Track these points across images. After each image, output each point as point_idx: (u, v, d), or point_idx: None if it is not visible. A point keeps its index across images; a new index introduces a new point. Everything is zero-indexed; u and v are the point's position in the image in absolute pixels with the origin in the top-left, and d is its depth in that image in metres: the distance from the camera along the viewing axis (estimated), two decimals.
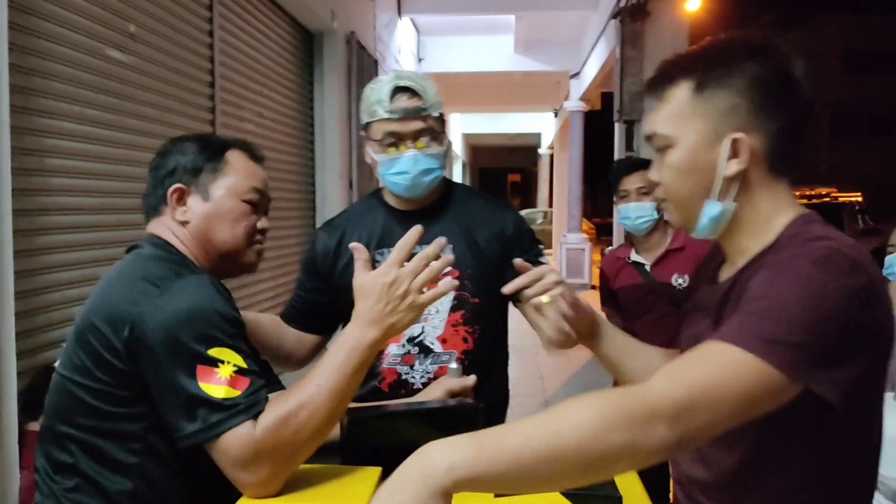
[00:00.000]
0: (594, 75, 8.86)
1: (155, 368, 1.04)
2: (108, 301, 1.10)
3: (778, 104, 0.94)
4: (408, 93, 1.54)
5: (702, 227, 0.99)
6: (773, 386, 0.78)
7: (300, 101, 4.79)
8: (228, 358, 1.04)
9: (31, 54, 2.07)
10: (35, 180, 2.10)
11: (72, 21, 2.27)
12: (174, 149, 1.27)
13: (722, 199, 0.96)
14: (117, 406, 1.08)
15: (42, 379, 2.02)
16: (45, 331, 2.15)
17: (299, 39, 4.77)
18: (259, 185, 1.28)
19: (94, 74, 2.39)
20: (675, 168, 0.98)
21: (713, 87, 0.95)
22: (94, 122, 2.39)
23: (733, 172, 0.94)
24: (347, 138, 5.25)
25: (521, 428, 0.76)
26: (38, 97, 2.11)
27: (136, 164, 2.65)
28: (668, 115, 0.98)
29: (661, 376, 0.79)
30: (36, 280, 2.10)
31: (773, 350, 0.78)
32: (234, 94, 3.64)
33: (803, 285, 0.82)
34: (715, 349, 0.81)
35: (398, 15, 7.74)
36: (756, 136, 0.94)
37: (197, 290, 1.08)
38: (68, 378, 1.10)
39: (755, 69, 0.94)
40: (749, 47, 0.97)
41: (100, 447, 1.09)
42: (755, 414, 0.80)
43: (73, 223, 2.30)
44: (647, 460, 0.76)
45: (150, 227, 1.26)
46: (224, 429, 1.01)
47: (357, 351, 1.08)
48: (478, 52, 9.70)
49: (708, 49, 1.00)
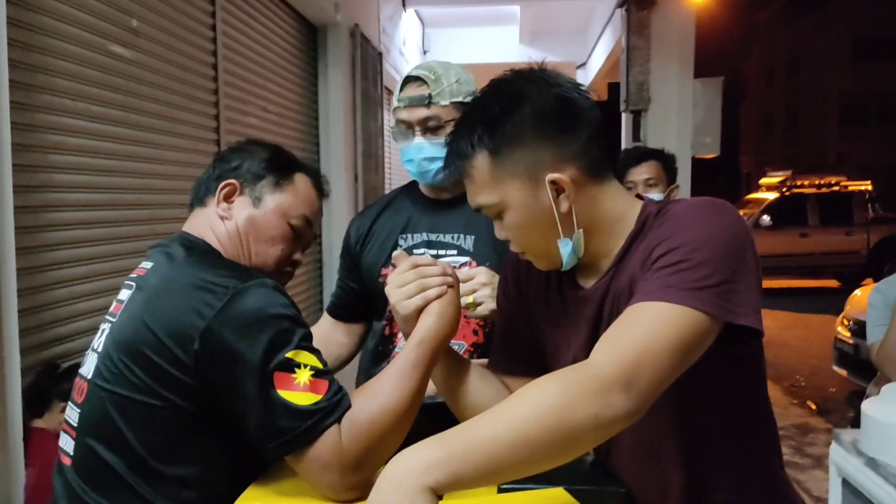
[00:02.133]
0: (600, 65, 8.80)
1: (230, 381, 1.01)
2: (169, 313, 1.05)
3: (570, 126, 0.99)
4: (417, 81, 1.59)
5: (566, 262, 1.04)
6: (704, 329, 0.84)
7: (304, 94, 4.77)
8: (305, 360, 1.02)
9: (32, 50, 2.06)
10: (38, 177, 2.10)
11: (73, 16, 2.26)
12: (247, 148, 1.26)
13: (569, 235, 1.01)
14: (181, 422, 1.05)
15: (47, 376, 2.03)
16: (51, 327, 2.14)
17: (303, 33, 4.75)
18: (310, 216, 1.26)
19: (97, 70, 2.38)
20: (516, 227, 1.02)
21: (508, 147, 0.98)
22: (98, 119, 2.38)
23: (566, 208, 0.99)
24: (352, 132, 5.23)
25: (487, 421, 0.79)
26: (40, 93, 2.10)
27: (141, 159, 2.65)
28: (483, 188, 1.01)
29: (602, 348, 0.83)
30: (40, 277, 2.10)
31: (698, 297, 0.83)
32: (238, 89, 3.63)
33: (704, 232, 0.88)
34: (644, 310, 0.85)
35: (403, 7, 7.70)
36: (568, 166, 0.99)
37: (263, 295, 1.04)
38: (117, 394, 1.06)
39: (531, 110, 0.98)
40: (518, 92, 1.00)
41: (152, 465, 1.05)
42: (693, 359, 0.85)
43: (78, 219, 2.29)
44: (613, 429, 0.80)
45: (190, 220, 1.24)
46: (314, 435, 0.99)
47: (422, 346, 1.08)
48: (483, 43, 9.65)
49: (483, 107, 1.02)
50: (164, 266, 1.14)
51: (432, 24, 9.47)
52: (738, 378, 1.00)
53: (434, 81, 1.57)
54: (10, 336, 1.79)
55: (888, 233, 11.17)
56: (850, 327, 5.05)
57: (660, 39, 6.06)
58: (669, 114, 6.09)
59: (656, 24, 6.09)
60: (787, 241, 11.27)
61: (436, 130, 1.57)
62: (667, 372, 0.82)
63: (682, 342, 0.83)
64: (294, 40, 4.58)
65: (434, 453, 0.76)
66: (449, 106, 1.57)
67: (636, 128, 6.25)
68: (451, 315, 1.09)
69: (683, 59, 6.09)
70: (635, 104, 6.11)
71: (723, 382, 0.98)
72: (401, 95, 1.60)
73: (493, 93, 1.03)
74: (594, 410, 0.77)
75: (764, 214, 11.54)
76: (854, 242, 11.31)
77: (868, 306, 2.50)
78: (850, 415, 4.80)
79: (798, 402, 5.54)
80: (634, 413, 0.80)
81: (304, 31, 4.78)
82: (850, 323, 5.06)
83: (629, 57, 6.10)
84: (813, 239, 11.35)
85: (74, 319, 2.24)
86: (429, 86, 1.57)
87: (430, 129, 1.57)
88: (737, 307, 0.86)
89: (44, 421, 2.01)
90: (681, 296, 0.84)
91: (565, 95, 1.01)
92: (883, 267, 9.98)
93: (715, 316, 0.84)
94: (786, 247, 11.26)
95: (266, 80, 4.03)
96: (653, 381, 0.81)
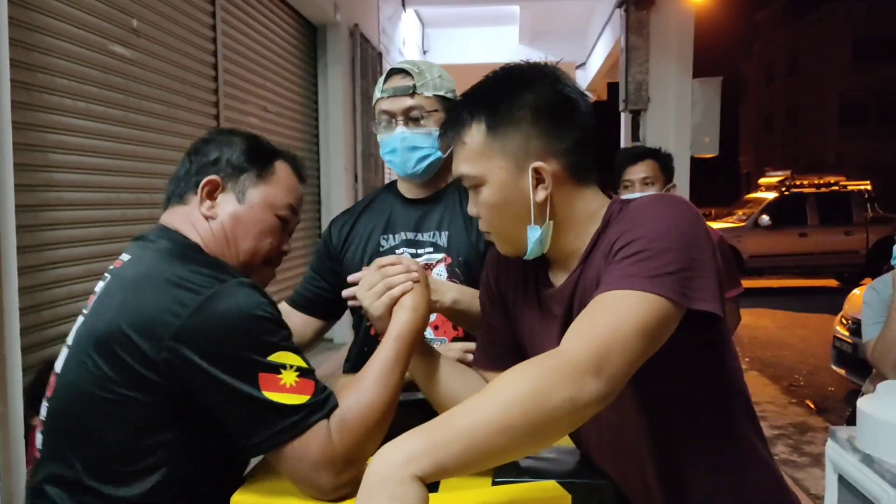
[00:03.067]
0: (600, 65, 8.81)
1: (208, 384, 0.98)
2: (141, 309, 1.01)
3: (563, 123, 1.04)
4: (401, 73, 1.62)
5: (531, 250, 1.07)
6: (667, 314, 0.87)
7: (304, 94, 4.78)
8: (289, 361, 1.01)
9: (33, 50, 2.07)
10: (39, 176, 2.11)
11: (73, 16, 2.27)
12: (221, 139, 1.22)
13: (539, 223, 1.05)
14: (144, 421, 1.02)
15: (47, 374, 2.03)
16: (51, 326, 2.15)
17: (303, 33, 4.76)
18: (295, 204, 1.24)
19: (98, 70, 2.39)
20: (490, 205, 1.06)
21: (504, 125, 1.03)
22: (98, 118, 2.39)
23: (543, 198, 1.03)
24: (352, 132, 5.24)
25: (467, 409, 0.81)
26: (41, 93, 2.11)
27: (141, 159, 2.66)
28: (471, 157, 1.06)
29: (572, 335, 0.87)
30: (41, 275, 2.11)
31: (659, 283, 0.87)
32: (238, 88, 3.64)
33: (662, 223, 0.93)
34: (609, 298, 0.89)
35: (402, 7, 7.71)
36: (553, 160, 1.04)
37: (242, 296, 1.01)
38: (82, 389, 1.04)
39: (533, 98, 1.04)
40: (524, 78, 1.06)
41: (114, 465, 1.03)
42: (659, 344, 0.88)
43: (78, 218, 2.30)
44: (587, 412, 0.83)
45: (168, 214, 1.20)
46: (301, 429, 0.98)
47: (399, 340, 1.09)
48: (483, 43, 9.65)
49: (489, 86, 1.08)
50: (141, 259, 1.10)
51: (432, 24, 9.47)
52: (704, 367, 1.02)
53: (418, 74, 1.61)
54: (12, 334, 1.80)
55: (887, 232, 11.17)
56: (848, 326, 5.05)
57: (659, 39, 6.07)
58: (668, 114, 6.10)
59: (655, 23, 6.10)
60: (787, 241, 11.28)
61: (418, 121, 1.60)
62: (634, 355, 0.85)
63: (647, 327, 0.86)
64: (294, 40, 4.59)
65: (417, 444, 0.78)
66: (432, 98, 1.61)
67: (635, 127, 6.26)
68: (423, 308, 1.13)
69: (682, 59, 6.10)
70: (634, 104, 6.12)
71: (689, 373, 1.01)
72: (385, 87, 1.62)
73: (503, 75, 1.08)
74: (569, 394, 0.80)
75: (763, 214, 11.55)
76: (853, 242, 11.32)
77: (863, 304, 2.51)
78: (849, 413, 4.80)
79: (797, 401, 5.55)
80: (606, 396, 0.83)
81: (304, 30, 4.79)
82: (848, 322, 5.07)
83: (628, 57, 6.11)
84: (812, 239, 11.36)
85: (74, 318, 2.25)
86: (413, 77, 1.60)
87: (413, 119, 1.60)
88: (696, 293, 0.89)
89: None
90: (643, 283, 0.87)
91: (568, 95, 1.06)
92: (882, 266, 9.97)
93: (676, 302, 0.88)
94: (785, 246, 11.27)
95: (266, 79, 4.04)
96: (622, 365, 0.84)
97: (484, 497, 1.00)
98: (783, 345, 7.52)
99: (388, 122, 1.63)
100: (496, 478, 1.03)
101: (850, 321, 5.03)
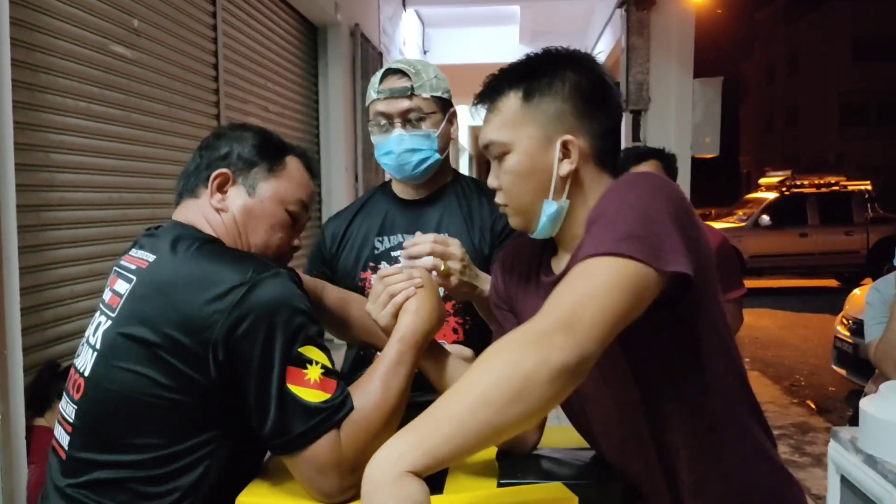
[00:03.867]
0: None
1: (244, 373, 1.00)
2: (183, 310, 1.01)
3: (598, 108, 1.06)
4: (398, 74, 1.57)
5: (542, 226, 1.08)
6: (639, 274, 0.85)
7: (305, 94, 4.78)
8: (316, 357, 1.02)
9: (34, 50, 2.07)
10: (40, 176, 2.11)
11: (75, 16, 2.27)
12: (232, 134, 1.22)
13: (557, 199, 1.06)
14: (186, 421, 1.03)
15: (47, 375, 2.03)
16: (53, 326, 2.15)
17: (303, 33, 4.76)
18: (306, 200, 1.24)
19: (99, 70, 2.39)
20: (514, 172, 1.07)
21: (540, 95, 1.05)
22: (99, 118, 2.39)
23: (566, 172, 1.05)
24: (353, 132, 5.24)
25: (447, 395, 0.81)
26: (42, 93, 2.10)
27: (142, 158, 2.66)
28: (502, 124, 1.07)
29: (543, 307, 0.85)
30: (42, 275, 2.11)
31: (626, 245, 0.86)
32: (239, 88, 3.64)
33: (630, 194, 0.93)
34: (577, 268, 0.88)
35: (403, 7, 7.71)
36: (582, 138, 1.05)
37: (282, 287, 1.02)
38: (120, 394, 1.03)
39: (575, 77, 1.06)
40: (567, 58, 1.08)
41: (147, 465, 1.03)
42: (636, 306, 0.86)
43: (80, 218, 2.30)
44: (567, 373, 0.80)
45: (181, 210, 1.20)
46: (315, 435, 0.99)
47: (403, 342, 1.10)
48: (483, 43, 9.66)
49: (531, 61, 1.10)
50: (170, 259, 1.09)
51: (432, 24, 9.47)
52: (685, 338, 1.00)
53: (415, 74, 1.56)
54: (13, 334, 1.80)
55: (888, 233, 11.17)
56: (849, 326, 5.05)
57: (659, 39, 6.07)
58: (669, 114, 6.10)
59: (656, 24, 6.10)
60: (787, 241, 11.27)
61: (416, 123, 1.56)
62: (607, 309, 0.83)
63: (619, 284, 0.84)
64: (294, 40, 4.59)
65: (405, 440, 0.79)
66: (430, 99, 1.57)
67: (636, 127, 6.26)
68: (426, 310, 1.14)
69: (683, 59, 6.11)
70: (635, 104, 6.12)
71: (670, 345, 0.99)
72: (380, 87, 1.57)
73: (546, 52, 1.10)
74: (541, 356, 0.79)
75: (764, 214, 11.54)
76: (853, 242, 11.31)
77: (866, 305, 2.50)
78: (850, 413, 4.80)
79: (798, 401, 5.55)
80: (582, 353, 0.80)
81: (305, 30, 4.79)
82: (849, 322, 5.06)
83: (629, 57, 6.11)
84: (812, 239, 11.35)
85: (75, 318, 2.25)
86: (410, 78, 1.56)
87: (410, 121, 1.56)
88: (665, 254, 0.87)
89: (45, 419, 2.01)
90: (610, 247, 0.87)
91: (606, 81, 1.09)
92: (882, 266, 9.98)
93: (646, 262, 0.86)
94: (785, 246, 11.26)
95: (267, 79, 4.04)
96: (595, 319, 0.82)
97: (490, 498, 1.00)
98: (784, 345, 7.52)
99: (385, 124, 1.58)
100: (502, 479, 1.03)
101: (850, 321, 5.03)
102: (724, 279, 2.66)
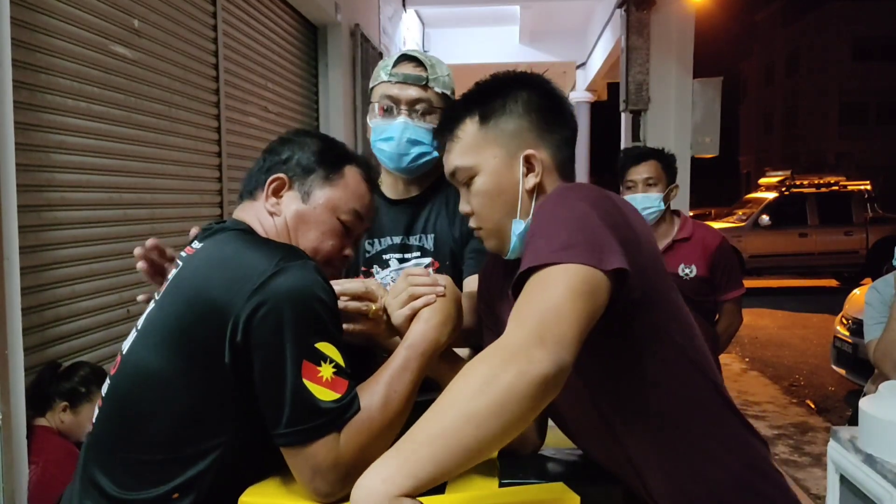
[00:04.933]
0: (600, 65, 8.81)
1: (260, 356, 1.00)
2: (210, 289, 1.03)
3: (554, 120, 1.11)
4: (414, 62, 1.55)
5: (513, 247, 1.10)
6: (587, 277, 0.88)
7: (305, 94, 4.78)
8: (332, 354, 1.02)
9: (34, 50, 2.07)
10: (41, 176, 2.11)
11: (75, 16, 2.27)
12: (296, 139, 1.24)
13: (524, 218, 1.09)
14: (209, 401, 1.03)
15: (48, 375, 2.04)
16: (54, 326, 2.16)
17: (303, 33, 4.76)
18: (360, 210, 1.24)
19: (99, 70, 2.39)
20: (483, 193, 1.10)
21: (497, 116, 1.10)
22: (100, 118, 2.40)
23: (532, 185, 1.08)
24: (352, 131, 5.24)
25: (429, 415, 0.82)
26: (42, 93, 2.11)
27: (143, 158, 2.66)
28: (465, 149, 1.11)
29: (510, 323, 0.87)
30: (43, 276, 2.11)
31: (566, 253, 0.89)
32: (239, 88, 3.64)
33: (561, 205, 0.97)
34: (532, 281, 0.90)
35: (403, 7, 7.71)
36: (543, 150, 1.10)
37: (308, 276, 1.03)
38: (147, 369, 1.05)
39: (527, 95, 1.10)
40: (516, 79, 1.13)
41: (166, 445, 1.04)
42: (597, 306, 0.89)
43: (80, 218, 2.31)
44: (547, 384, 0.81)
45: (239, 210, 1.23)
46: (318, 435, 1.00)
47: (411, 349, 1.10)
48: (483, 43, 9.66)
49: (482, 87, 1.14)
50: (210, 245, 1.12)
51: (432, 24, 9.47)
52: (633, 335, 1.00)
53: (431, 67, 1.54)
54: (14, 334, 1.80)
55: (887, 233, 11.17)
56: (848, 326, 5.05)
57: (659, 39, 6.07)
58: (669, 114, 6.10)
59: (656, 24, 6.10)
60: (787, 241, 11.27)
61: (423, 115, 1.54)
62: (572, 317, 0.85)
63: (576, 289, 0.87)
64: (294, 40, 4.59)
65: (389, 463, 0.78)
66: (440, 95, 1.55)
67: (636, 127, 6.26)
68: (438, 321, 1.13)
69: (683, 59, 6.11)
70: (635, 104, 6.12)
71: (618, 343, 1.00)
72: (393, 71, 1.53)
73: (495, 77, 1.14)
74: (518, 368, 0.80)
75: (763, 214, 11.54)
76: (853, 242, 11.31)
77: (865, 305, 2.51)
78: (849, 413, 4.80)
79: (797, 401, 5.55)
80: (559, 363, 0.82)
81: (305, 31, 4.79)
82: (848, 322, 5.07)
83: (628, 57, 6.11)
84: (812, 238, 11.35)
85: (76, 318, 2.26)
86: (426, 69, 1.54)
87: (418, 111, 1.54)
88: (605, 255, 0.90)
89: (46, 419, 2.02)
90: (552, 257, 0.89)
91: (559, 95, 1.13)
92: (882, 266, 9.98)
93: (593, 265, 0.89)
94: (785, 246, 11.26)
95: (267, 79, 4.05)
96: (563, 328, 0.84)
97: (491, 498, 1.00)
98: (783, 345, 7.53)
99: (391, 107, 1.54)
100: (503, 479, 1.04)
101: (850, 321, 5.03)
102: (724, 279, 2.68)
